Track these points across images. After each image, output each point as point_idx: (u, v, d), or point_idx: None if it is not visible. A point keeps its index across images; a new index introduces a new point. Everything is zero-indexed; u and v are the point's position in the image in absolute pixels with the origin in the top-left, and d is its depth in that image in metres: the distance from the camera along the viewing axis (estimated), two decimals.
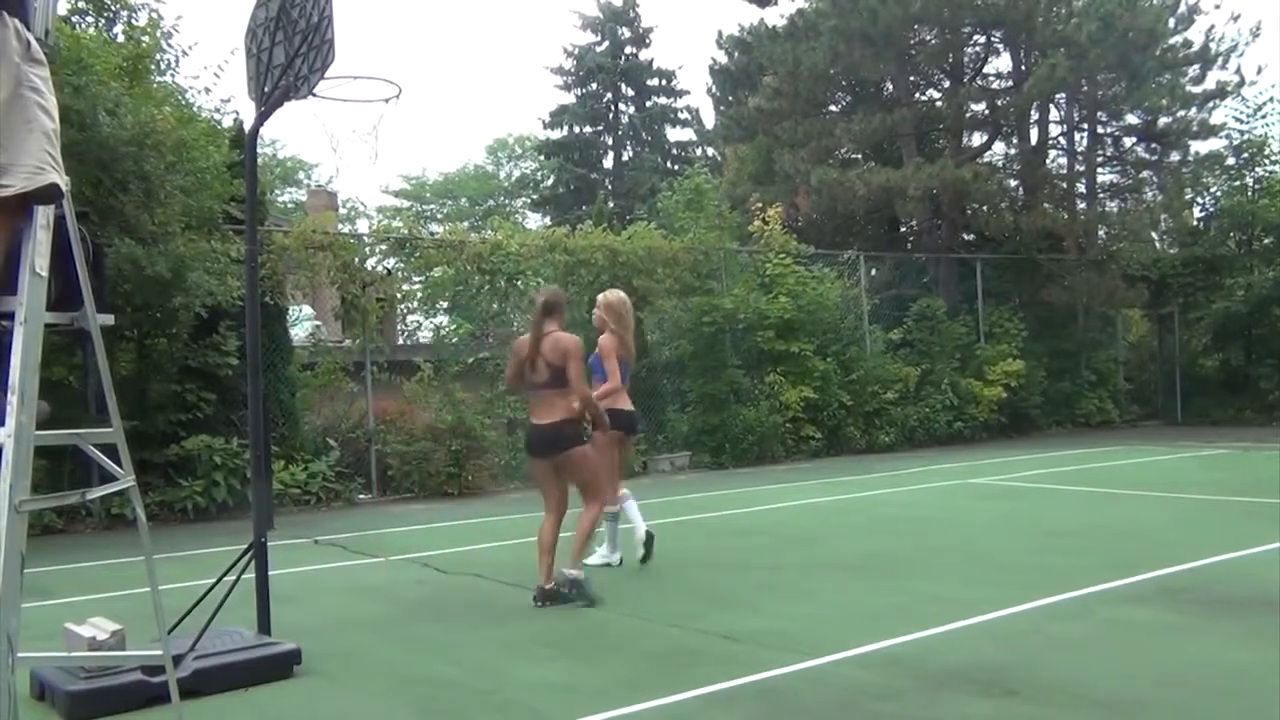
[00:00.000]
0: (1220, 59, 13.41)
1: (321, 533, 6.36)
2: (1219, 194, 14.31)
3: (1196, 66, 13.43)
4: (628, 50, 25.40)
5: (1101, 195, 14.88)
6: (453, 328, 9.58)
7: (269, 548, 3.30)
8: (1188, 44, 13.37)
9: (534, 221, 28.31)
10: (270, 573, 3.31)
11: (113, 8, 7.48)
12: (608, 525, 4.81)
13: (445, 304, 9.92)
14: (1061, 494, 7.05)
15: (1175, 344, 14.28)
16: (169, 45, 7.26)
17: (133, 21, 7.48)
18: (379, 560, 5.28)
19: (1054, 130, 14.63)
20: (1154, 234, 14.61)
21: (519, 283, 9.46)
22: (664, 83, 25.69)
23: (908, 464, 9.63)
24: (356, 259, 8.75)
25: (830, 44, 12.79)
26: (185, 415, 7.20)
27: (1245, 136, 13.96)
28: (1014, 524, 5.79)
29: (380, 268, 9.30)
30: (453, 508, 7.68)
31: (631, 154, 26.05)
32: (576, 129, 25.66)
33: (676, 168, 24.19)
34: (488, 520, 6.85)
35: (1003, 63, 14.29)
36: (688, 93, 27.63)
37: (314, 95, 3.24)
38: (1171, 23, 13.26)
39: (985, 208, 13.75)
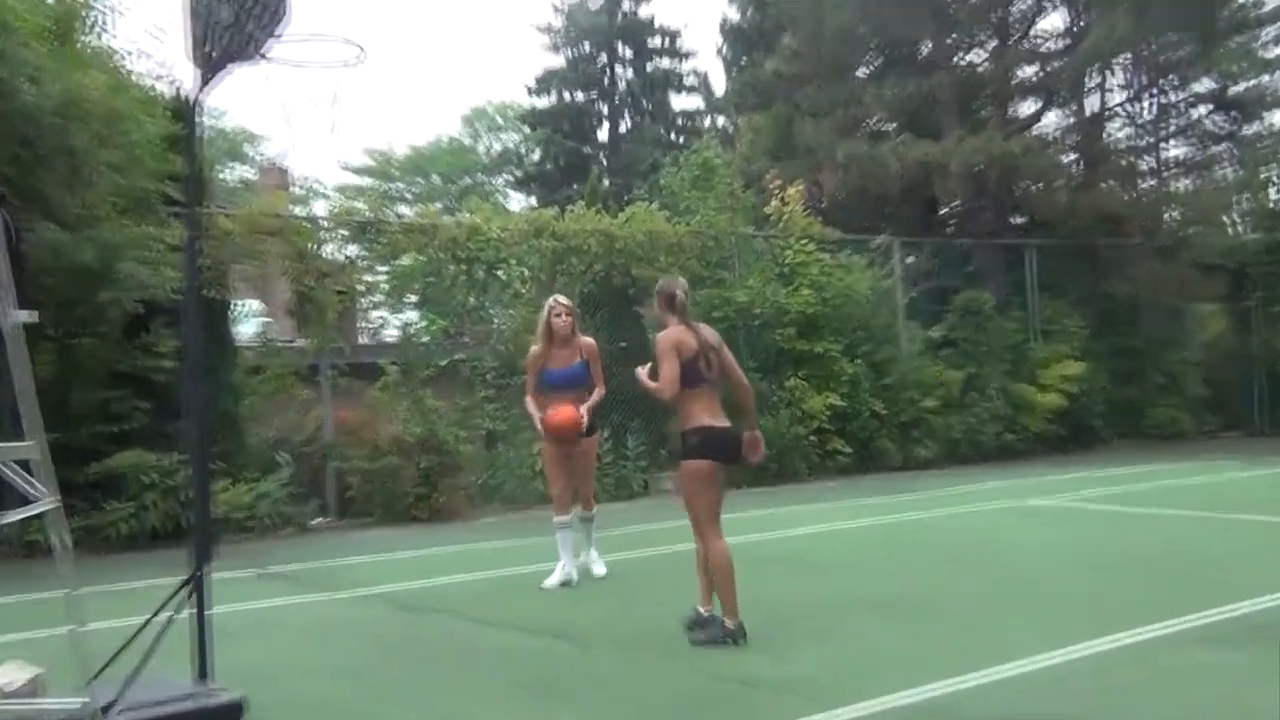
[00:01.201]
0: None
1: (270, 563, 6.37)
2: None
3: (1272, 28, 13.46)
4: (625, 6, 25.44)
5: (1169, 172, 14.84)
6: (423, 325, 9.58)
7: (210, 581, 3.30)
8: (1259, 3, 13.39)
9: (517, 202, 28.41)
10: (211, 610, 3.31)
11: None
12: (560, 536, 5.20)
13: (414, 297, 9.94)
14: (1127, 517, 7.05)
15: (1257, 342, 14.28)
16: (99, 4, 7.25)
17: None
18: (336, 595, 5.29)
19: (1115, 98, 14.65)
20: (1229, 216, 14.63)
21: (500, 272, 9.47)
22: (667, 43, 25.71)
23: (950, 483, 9.64)
24: (312, 246, 8.75)
25: None
26: (113, 427, 7.17)
27: None
28: (1071, 552, 5.80)
29: (340, 256, 9.32)
30: (422, 534, 7.68)
31: (630, 125, 26.07)
32: (566, 96, 25.67)
33: (681, 140, 24.25)
34: (463, 549, 6.86)
35: (1055, 20, 14.33)
36: (694, 54, 27.68)
37: (264, 58, 3.24)
38: None
39: (1037, 186, 13.78)
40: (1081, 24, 13.61)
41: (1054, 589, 4.84)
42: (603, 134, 26.10)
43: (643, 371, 4.14)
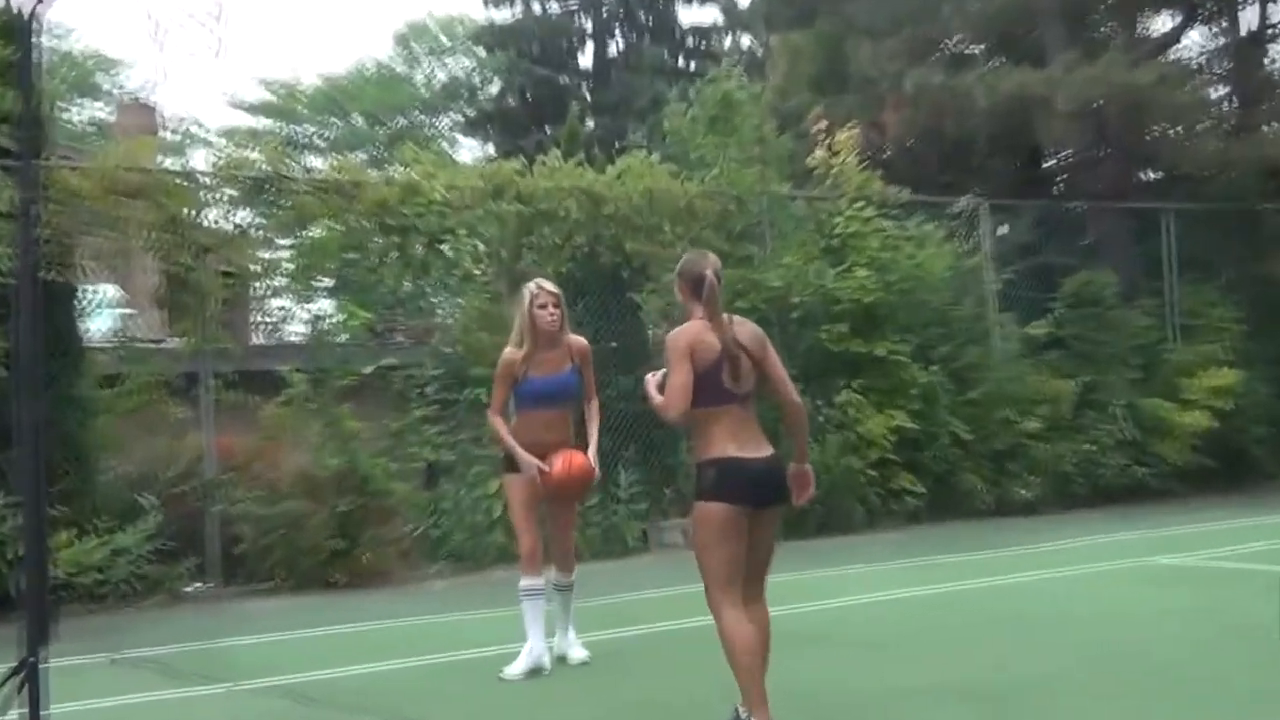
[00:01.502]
0: None
1: (130, 644, 6.35)
2: None
3: None
4: None
5: None
6: (341, 319, 9.59)
7: (48, 670, 3.28)
8: None
9: (469, 151, 28.51)
10: (48, 710, 3.29)
11: None
12: (529, 605, 5.22)
13: (329, 281, 9.94)
14: None
15: None
16: None
17: None
18: (219, 688, 5.28)
19: None
20: None
21: (445, 247, 9.47)
22: None
23: (1058, 533, 9.65)
24: (189, 211, 8.73)
25: None
26: None
27: None
28: (1223, 629, 5.79)
29: (227, 224, 9.30)
30: (339, 604, 7.65)
31: (622, 46, 26.12)
32: (536, 6, 25.74)
33: (693, 68, 24.34)
34: (395, 625, 6.85)
35: None
36: None
37: None
38: None
39: (1175, 130, 13.81)
40: None
41: (1201, 677, 4.83)
42: (585, 58, 26.17)
43: (652, 380, 4.12)
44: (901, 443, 10.71)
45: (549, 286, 5.30)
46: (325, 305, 10.14)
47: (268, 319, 13.10)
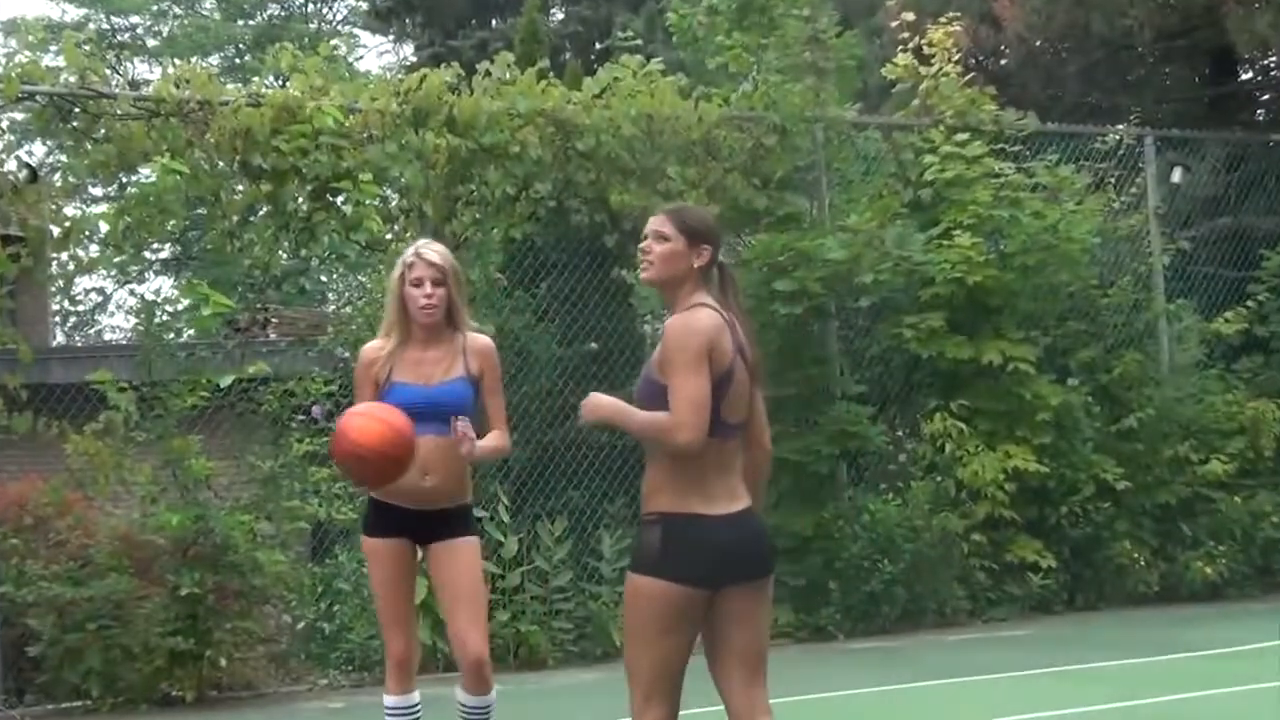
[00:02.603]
0: None
1: None
2: None
3: None
4: None
5: None
6: (185, 306, 9.60)
7: None
8: None
9: (376, 57, 28.32)
10: None
11: None
12: None
13: (165, 251, 9.94)
14: None
15: None
16: None
17: None
18: None
19: None
20: None
21: (342, 200, 9.48)
22: None
23: (1257, 630, 9.61)
24: None
25: None
26: None
27: None
28: None
29: (11, 164, 9.31)
30: None
31: None
32: None
33: None
34: None
35: None
36: None
37: None
38: None
39: None
40: None
41: None
42: None
43: (611, 404, 4.16)
44: (1024, 494, 10.72)
45: (430, 255, 5.25)
46: (162, 286, 10.15)
47: (75, 308, 13.12)
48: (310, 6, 31.59)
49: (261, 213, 9.55)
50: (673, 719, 4.08)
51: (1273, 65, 15.36)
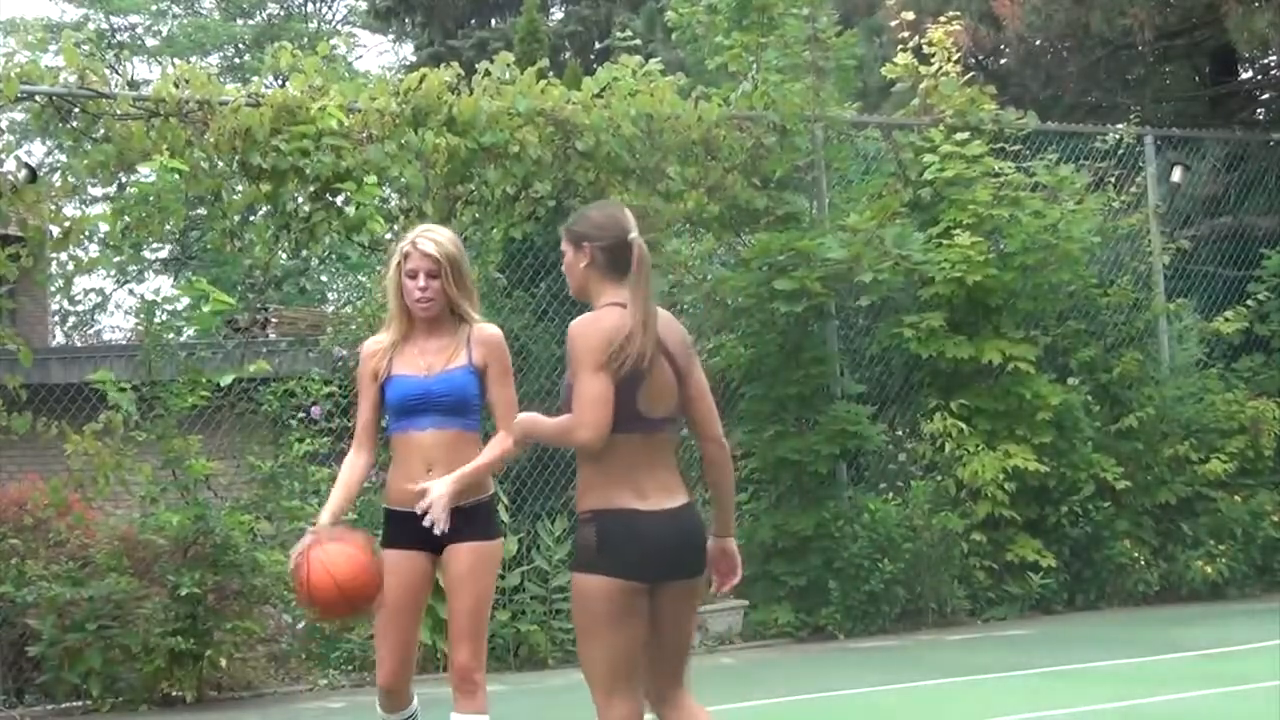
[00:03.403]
0: None
1: None
2: None
3: None
4: None
5: None
6: (185, 307, 9.59)
7: None
8: None
9: (376, 56, 28.34)
10: None
11: None
12: None
13: (165, 250, 9.94)
14: None
15: None
16: None
17: None
18: None
19: None
20: None
21: (342, 200, 9.49)
22: None
23: (1259, 628, 9.62)
24: None
25: None
26: None
27: None
28: None
29: (12, 164, 9.31)
30: None
31: None
32: None
33: None
34: None
35: None
36: None
37: None
38: None
39: None
40: None
41: None
42: None
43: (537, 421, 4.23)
44: (1024, 493, 10.73)
45: (426, 245, 5.01)
46: (162, 286, 10.15)
47: (75, 307, 13.12)
48: (310, 6, 31.58)
49: (261, 213, 9.55)
50: (639, 715, 4.09)
51: (1273, 64, 15.36)
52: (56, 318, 12.66)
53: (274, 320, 10.19)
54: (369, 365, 5.08)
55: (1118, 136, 12.32)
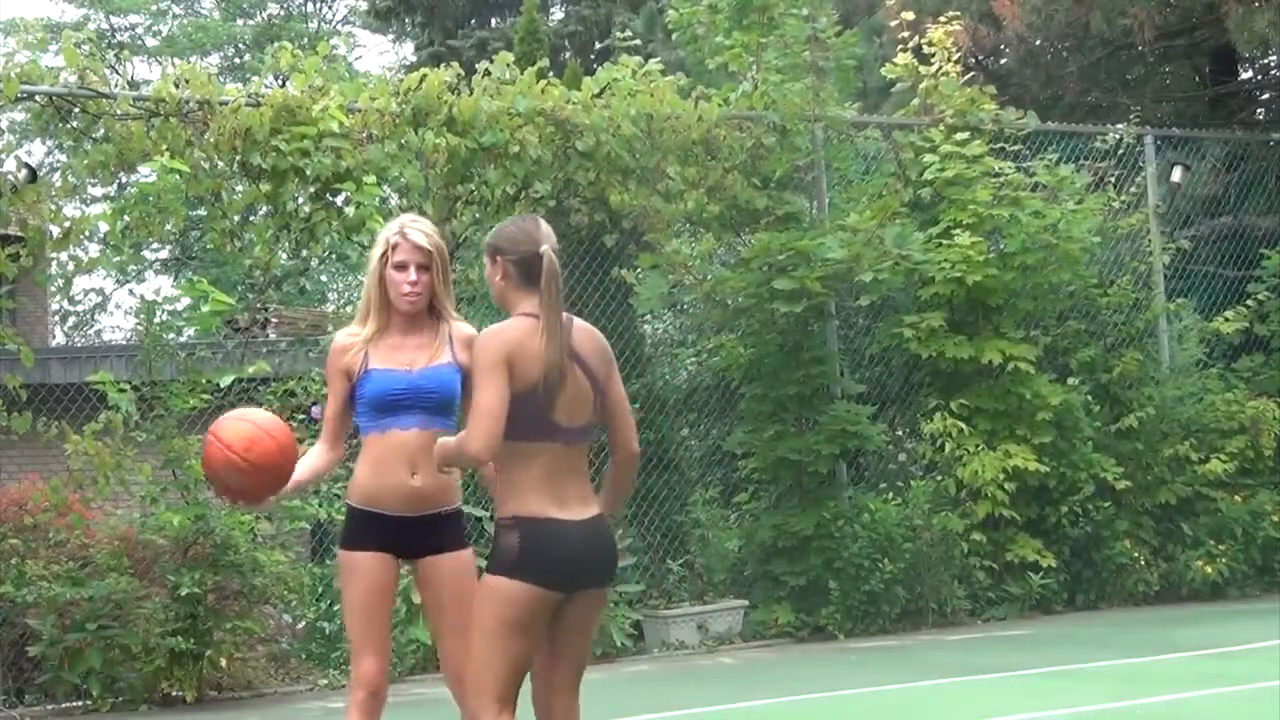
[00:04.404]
0: None
1: None
2: None
3: None
4: None
5: None
6: (185, 307, 9.60)
7: None
8: None
9: (376, 57, 28.35)
10: None
11: None
12: None
13: (165, 250, 9.94)
14: None
15: None
16: None
17: None
18: None
19: None
20: None
21: (342, 200, 9.50)
22: None
23: (1261, 629, 9.62)
24: None
25: None
26: None
27: None
28: None
29: (9, 165, 9.30)
30: None
31: None
32: None
33: None
34: None
35: None
36: None
37: None
38: None
39: None
40: None
41: None
42: None
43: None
44: (1024, 493, 10.73)
45: (416, 236, 4.83)
46: (162, 286, 10.15)
47: (75, 307, 13.12)
48: (310, 6, 31.55)
49: (261, 213, 9.55)
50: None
51: (1273, 64, 15.36)
52: (56, 318, 12.66)
53: (274, 320, 10.17)
54: (341, 360, 4.87)
55: (1118, 136, 12.31)
